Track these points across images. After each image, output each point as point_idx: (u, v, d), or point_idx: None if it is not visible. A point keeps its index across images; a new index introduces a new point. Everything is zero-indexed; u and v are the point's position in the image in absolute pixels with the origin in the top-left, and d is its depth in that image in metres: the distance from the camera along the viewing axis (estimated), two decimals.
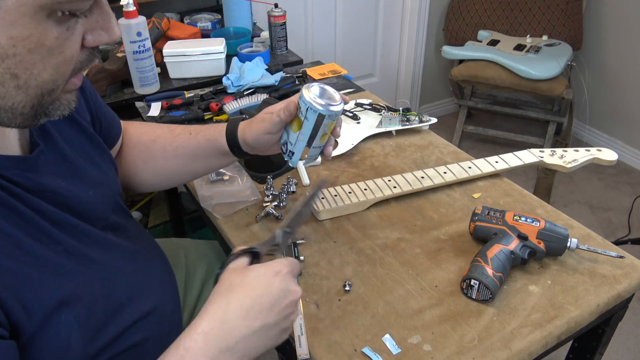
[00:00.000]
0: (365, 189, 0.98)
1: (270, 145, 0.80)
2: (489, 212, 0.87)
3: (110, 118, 0.82)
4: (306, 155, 0.78)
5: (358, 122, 1.23)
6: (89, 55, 0.51)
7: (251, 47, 1.59)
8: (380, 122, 1.21)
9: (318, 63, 1.59)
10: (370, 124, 1.22)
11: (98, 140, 0.73)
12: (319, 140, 0.75)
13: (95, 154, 0.72)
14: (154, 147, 0.86)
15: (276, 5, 1.61)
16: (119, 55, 1.45)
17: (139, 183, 0.89)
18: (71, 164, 0.65)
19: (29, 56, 0.44)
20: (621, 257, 0.83)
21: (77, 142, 0.68)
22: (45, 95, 0.48)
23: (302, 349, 0.69)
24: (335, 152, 1.11)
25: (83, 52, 0.50)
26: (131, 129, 0.89)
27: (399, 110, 1.22)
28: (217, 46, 1.48)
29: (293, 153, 0.76)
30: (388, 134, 1.21)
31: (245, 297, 0.55)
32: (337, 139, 0.75)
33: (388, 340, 0.72)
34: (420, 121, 1.21)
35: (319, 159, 1.10)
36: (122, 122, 0.91)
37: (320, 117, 0.72)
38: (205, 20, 1.75)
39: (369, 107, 1.28)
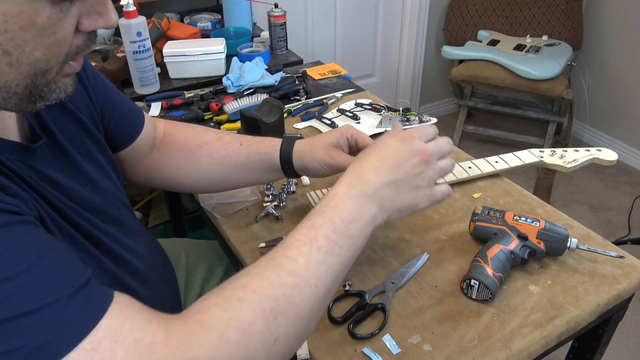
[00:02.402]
0: None
1: (328, 174, 0.83)
2: (489, 212, 0.87)
3: (126, 112, 0.81)
4: None
5: (358, 122, 1.23)
6: (86, 40, 0.50)
7: (251, 47, 1.59)
8: (380, 122, 1.21)
9: (318, 63, 1.59)
10: (370, 124, 1.22)
11: (98, 137, 0.73)
12: None
13: (94, 150, 0.72)
14: (200, 152, 0.86)
15: (276, 5, 1.61)
16: (119, 55, 1.45)
17: (177, 184, 0.89)
18: (70, 159, 0.65)
19: (20, 33, 0.44)
20: (621, 257, 0.83)
21: (76, 137, 0.68)
22: (38, 75, 0.48)
23: (302, 349, 0.69)
24: None
25: (79, 37, 0.50)
26: (177, 131, 0.90)
27: (399, 110, 1.22)
28: (217, 46, 1.48)
29: None
30: None
31: (374, 158, 0.65)
32: None
33: (388, 340, 0.72)
34: (420, 121, 1.21)
35: None
36: (168, 123, 0.91)
37: None
38: (205, 20, 1.75)
39: (369, 107, 1.28)
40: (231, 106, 1.26)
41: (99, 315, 0.45)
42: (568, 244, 0.82)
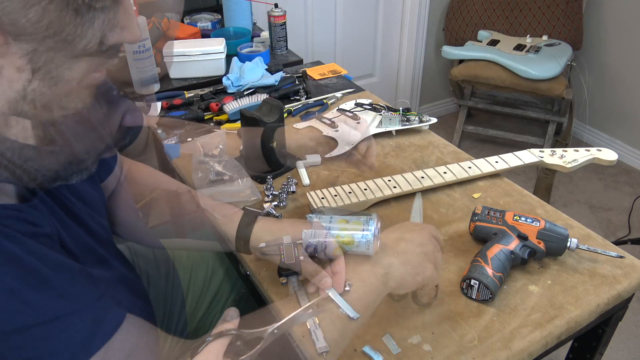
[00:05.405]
0: (365, 189, 0.98)
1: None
2: (489, 212, 0.87)
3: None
4: None
5: (358, 122, 1.23)
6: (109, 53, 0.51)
7: (251, 47, 1.58)
8: (380, 122, 1.21)
9: (318, 63, 1.59)
10: (370, 124, 1.22)
11: None
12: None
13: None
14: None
15: (276, 5, 1.61)
16: (119, 55, 1.45)
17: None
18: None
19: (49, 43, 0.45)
20: (621, 257, 0.83)
21: None
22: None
23: (319, 342, 0.69)
24: (335, 152, 1.11)
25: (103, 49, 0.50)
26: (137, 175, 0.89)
27: (399, 110, 1.22)
28: (217, 46, 1.48)
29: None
30: (388, 134, 1.21)
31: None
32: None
33: (388, 340, 0.72)
34: (420, 121, 1.21)
35: (319, 159, 1.10)
36: (132, 164, 0.90)
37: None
38: (205, 20, 1.75)
39: (369, 107, 1.28)
40: (231, 106, 1.26)
41: (113, 330, 0.47)
42: (568, 244, 0.82)
